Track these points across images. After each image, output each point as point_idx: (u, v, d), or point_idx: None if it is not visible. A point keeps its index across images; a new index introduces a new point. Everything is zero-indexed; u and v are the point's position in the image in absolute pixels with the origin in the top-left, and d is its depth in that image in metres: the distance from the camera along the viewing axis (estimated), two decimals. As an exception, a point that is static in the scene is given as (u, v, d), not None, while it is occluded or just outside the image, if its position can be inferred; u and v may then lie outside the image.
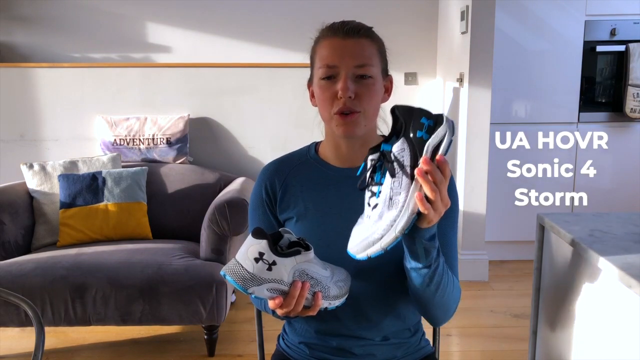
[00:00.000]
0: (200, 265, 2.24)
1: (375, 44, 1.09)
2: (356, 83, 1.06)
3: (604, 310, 1.15)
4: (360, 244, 0.91)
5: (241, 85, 3.18)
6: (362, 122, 1.08)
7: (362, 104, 1.06)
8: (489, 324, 2.63)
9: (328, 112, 1.09)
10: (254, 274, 0.91)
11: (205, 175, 2.88)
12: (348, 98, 1.05)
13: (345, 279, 1.01)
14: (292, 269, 0.93)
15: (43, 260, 2.25)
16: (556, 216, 1.41)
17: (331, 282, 0.98)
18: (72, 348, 2.44)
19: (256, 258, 0.91)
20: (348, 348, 1.16)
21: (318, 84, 1.09)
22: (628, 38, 3.27)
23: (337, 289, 0.99)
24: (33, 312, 1.16)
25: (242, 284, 0.91)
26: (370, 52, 1.08)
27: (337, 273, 1.01)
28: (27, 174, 2.65)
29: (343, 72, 1.05)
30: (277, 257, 0.91)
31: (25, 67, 3.11)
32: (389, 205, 0.89)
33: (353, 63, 1.05)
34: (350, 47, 1.06)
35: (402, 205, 0.88)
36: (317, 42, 1.12)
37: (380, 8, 3.23)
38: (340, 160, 1.15)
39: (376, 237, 0.89)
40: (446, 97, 3.28)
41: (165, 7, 3.23)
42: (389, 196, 0.89)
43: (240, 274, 0.91)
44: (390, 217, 0.89)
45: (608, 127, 3.37)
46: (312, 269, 0.96)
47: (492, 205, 3.26)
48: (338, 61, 1.06)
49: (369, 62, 1.06)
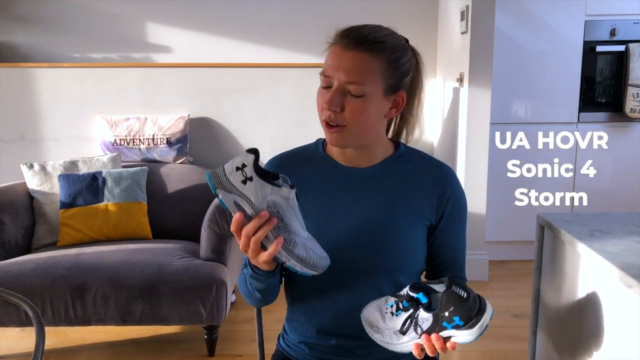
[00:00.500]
0: (200, 265, 2.24)
1: (379, 59, 1.03)
2: (344, 97, 1.03)
3: (604, 310, 1.15)
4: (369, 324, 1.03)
5: (241, 85, 3.18)
6: (349, 137, 1.07)
7: (345, 118, 1.04)
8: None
9: (320, 119, 1.09)
10: (229, 179, 0.91)
11: (205, 175, 2.88)
12: (333, 111, 1.04)
13: (322, 257, 0.97)
14: (265, 197, 0.92)
15: (43, 260, 2.25)
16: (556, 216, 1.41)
17: (301, 242, 0.95)
18: (72, 348, 2.44)
19: (237, 167, 0.91)
20: (348, 348, 1.16)
21: (318, 89, 1.09)
22: (628, 38, 3.27)
23: (304, 252, 0.95)
24: (33, 312, 1.16)
25: (214, 183, 0.92)
26: (367, 69, 1.03)
27: (315, 245, 0.98)
28: (27, 174, 2.65)
29: (335, 83, 1.04)
30: (256, 176, 0.91)
31: (25, 67, 3.11)
32: (396, 334, 1.01)
33: (344, 78, 1.02)
34: (346, 61, 1.03)
35: (402, 343, 1.00)
36: (328, 47, 1.09)
37: (380, 8, 3.23)
38: (347, 160, 1.15)
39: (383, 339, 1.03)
40: (446, 97, 3.28)
41: (165, 7, 3.23)
42: (399, 330, 1.00)
43: (217, 175, 0.92)
44: (394, 339, 1.01)
45: (608, 127, 3.36)
46: (286, 213, 0.93)
47: (492, 205, 3.26)
48: (332, 72, 1.04)
49: (361, 80, 1.02)
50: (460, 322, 0.94)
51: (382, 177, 1.14)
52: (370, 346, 1.15)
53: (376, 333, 1.03)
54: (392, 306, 1.01)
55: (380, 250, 1.11)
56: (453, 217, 1.15)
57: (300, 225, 0.96)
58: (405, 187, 1.14)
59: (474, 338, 0.96)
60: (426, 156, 1.20)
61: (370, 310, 1.04)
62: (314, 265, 0.96)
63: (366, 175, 1.14)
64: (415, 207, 1.13)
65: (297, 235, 0.95)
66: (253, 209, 0.92)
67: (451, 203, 1.15)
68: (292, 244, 0.94)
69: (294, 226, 0.95)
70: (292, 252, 0.94)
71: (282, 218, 0.93)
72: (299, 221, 0.96)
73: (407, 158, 1.17)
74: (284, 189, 0.92)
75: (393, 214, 1.12)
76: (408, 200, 1.13)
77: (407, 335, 0.99)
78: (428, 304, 0.97)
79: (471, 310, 0.94)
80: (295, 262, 0.95)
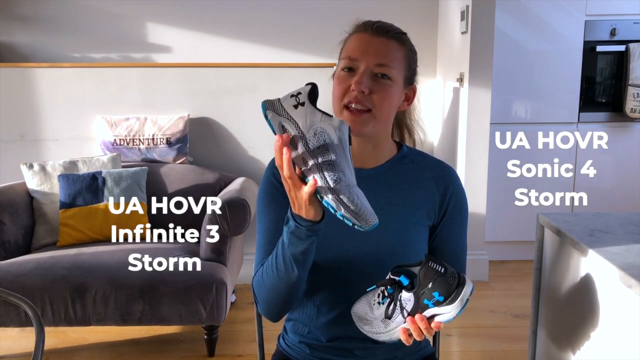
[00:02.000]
0: (200, 265, 2.23)
1: (403, 49, 1.09)
2: (373, 80, 1.05)
3: (604, 310, 1.15)
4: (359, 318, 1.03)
5: (241, 85, 3.18)
6: (371, 123, 1.07)
7: (373, 101, 1.05)
8: (489, 324, 2.63)
9: (339, 104, 1.07)
10: (282, 103, 0.91)
11: (205, 175, 2.88)
12: (361, 92, 1.03)
13: (369, 211, 0.89)
14: (314, 123, 0.89)
15: (43, 260, 2.25)
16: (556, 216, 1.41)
17: (346, 182, 0.88)
18: (72, 348, 2.44)
19: (292, 94, 0.91)
20: (349, 348, 1.16)
21: (337, 74, 1.08)
22: (628, 38, 3.27)
23: (349, 197, 0.88)
24: (33, 312, 1.16)
25: (267, 106, 0.92)
26: (394, 55, 1.07)
27: (363, 198, 0.90)
28: (27, 174, 2.65)
29: (362, 66, 1.05)
30: (308, 103, 0.90)
31: (25, 67, 3.11)
32: (384, 322, 1.01)
33: (374, 60, 1.05)
34: (375, 45, 1.06)
35: (390, 330, 1.00)
36: (348, 36, 1.11)
37: (380, 8, 3.23)
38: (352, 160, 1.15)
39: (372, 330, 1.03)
40: (446, 97, 3.28)
41: (165, 7, 3.23)
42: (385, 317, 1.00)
43: (272, 101, 0.93)
44: (382, 327, 1.01)
45: (608, 127, 3.37)
46: (334, 144, 0.88)
47: (492, 205, 3.26)
48: (360, 55, 1.05)
49: (390, 63, 1.06)
50: (440, 297, 0.93)
51: (386, 177, 1.14)
52: (371, 347, 1.15)
53: (365, 325, 1.03)
54: (379, 295, 1.01)
55: (384, 251, 1.11)
56: (454, 216, 1.16)
57: (348, 166, 0.89)
58: (408, 187, 1.14)
59: (457, 313, 0.94)
60: (428, 156, 1.21)
61: (359, 304, 1.04)
62: (358, 213, 0.88)
63: (371, 175, 1.14)
64: (418, 207, 1.13)
65: (343, 173, 0.89)
66: (298, 133, 0.89)
67: (452, 202, 1.15)
68: (337, 181, 0.88)
69: (340, 161, 0.89)
70: (336, 191, 0.88)
71: (327, 149, 0.88)
72: (347, 162, 0.90)
73: (410, 158, 1.18)
74: (335, 119, 0.89)
75: (397, 214, 1.12)
76: (411, 201, 1.14)
77: (393, 321, 0.99)
78: (410, 285, 0.97)
79: (450, 284, 0.93)
80: (341, 207, 0.88)
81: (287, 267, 1.01)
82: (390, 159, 1.16)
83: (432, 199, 1.14)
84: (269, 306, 1.10)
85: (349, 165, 0.90)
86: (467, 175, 3.06)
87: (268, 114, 0.92)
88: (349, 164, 0.90)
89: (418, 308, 0.95)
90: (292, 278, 1.02)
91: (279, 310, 1.12)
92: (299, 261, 1.00)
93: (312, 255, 1.02)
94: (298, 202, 0.92)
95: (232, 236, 2.32)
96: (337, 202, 0.88)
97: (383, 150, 1.15)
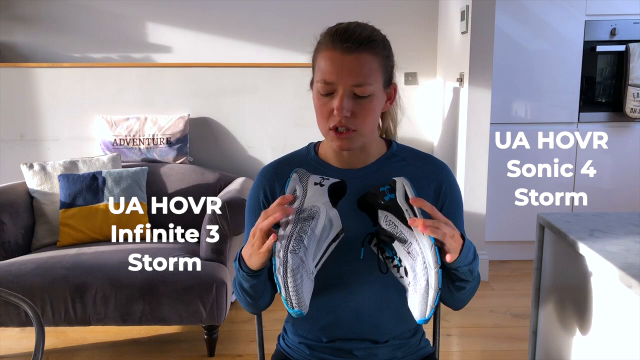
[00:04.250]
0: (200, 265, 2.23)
1: (377, 57, 1.04)
2: (353, 100, 1.03)
3: (604, 310, 1.15)
4: (420, 306, 0.94)
5: (241, 85, 3.18)
6: (359, 139, 1.07)
7: (357, 122, 1.04)
8: (489, 324, 2.63)
9: (324, 127, 1.07)
10: (309, 176, 1.03)
11: (205, 175, 2.88)
12: (344, 117, 1.03)
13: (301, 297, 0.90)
14: (316, 202, 0.96)
15: (43, 260, 2.25)
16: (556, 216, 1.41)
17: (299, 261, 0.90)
18: (72, 348, 2.44)
19: (324, 177, 1.02)
20: (349, 349, 1.16)
21: (317, 95, 1.07)
22: (628, 38, 3.27)
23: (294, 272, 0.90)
24: (33, 312, 1.16)
25: (298, 170, 1.05)
26: (370, 69, 1.03)
27: (307, 286, 0.91)
28: (27, 174, 2.65)
29: (341, 89, 1.02)
30: (327, 189, 0.99)
31: (25, 67, 3.11)
32: (412, 257, 0.94)
33: (351, 82, 1.02)
34: (349, 64, 1.01)
35: (420, 248, 0.94)
36: (318, 48, 1.08)
37: (380, 8, 3.23)
38: (341, 162, 1.15)
39: (424, 286, 0.92)
40: (446, 97, 3.28)
41: (165, 7, 3.23)
42: (407, 250, 0.95)
43: (304, 171, 1.06)
44: (420, 264, 0.93)
45: (608, 127, 3.37)
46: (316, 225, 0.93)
47: (492, 205, 3.26)
48: (335, 78, 1.02)
49: (367, 81, 1.02)
50: (385, 186, 1.01)
51: (376, 176, 1.13)
52: (371, 347, 1.15)
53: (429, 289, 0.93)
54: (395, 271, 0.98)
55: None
56: (451, 212, 1.13)
57: (311, 253, 0.92)
58: None
59: (404, 179, 1.04)
60: (419, 153, 1.19)
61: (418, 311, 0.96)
62: (292, 289, 0.89)
63: (361, 175, 1.13)
64: None
65: (305, 250, 0.91)
66: (300, 202, 0.96)
67: (448, 200, 1.14)
68: (295, 250, 0.90)
69: (309, 243, 0.92)
70: (286, 254, 0.90)
71: (309, 224, 0.92)
72: (315, 247, 0.92)
73: (400, 156, 1.17)
74: (334, 212, 0.96)
75: None
76: None
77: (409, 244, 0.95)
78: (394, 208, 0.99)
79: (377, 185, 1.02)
80: (280, 267, 0.90)
81: (241, 289, 1.09)
82: (379, 157, 1.16)
83: (424, 196, 1.13)
84: (244, 305, 1.16)
85: (312, 253, 0.92)
86: (467, 175, 3.06)
87: (295, 173, 1.03)
88: (313, 251, 0.92)
89: (395, 209, 0.98)
90: (248, 297, 1.09)
91: (253, 310, 1.17)
92: (248, 289, 1.07)
93: (261, 286, 1.07)
94: (253, 249, 0.97)
95: (232, 236, 2.32)
96: (283, 267, 0.90)
97: (371, 150, 1.15)
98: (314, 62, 1.09)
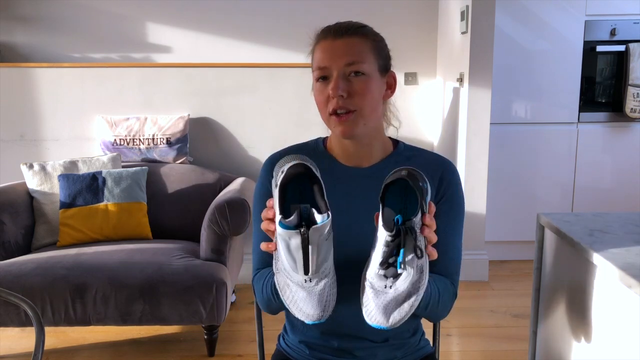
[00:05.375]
0: (200, 265, 2.24)
1: (368, 40, 1.08)
2: (348, 81, 1.05)
3: (604, 310, 1.15)
4: (395, 315, 0.89)
5: (241, 85, 3.18)
6: (360, 121, 1.07)
7: (355, 101, 1.05)
8: (489, 324, 2.63)
9: (325, 114, 1.09)
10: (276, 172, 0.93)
11: (205, 175, 2.88)
12: (340, 97, 1.05)
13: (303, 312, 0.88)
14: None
15: (43, 260, 2.25)
16: (556, 216, 1.41)
17: (284, 273, 0.89)
18: (72, 348, 2.44)
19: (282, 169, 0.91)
20: (349, 349, 1.16)
21: (314, 86, 1.10)
22: (628, 38, 3.27)
23: (283, 284, 0.89)
24: (33, 312, 1.16)
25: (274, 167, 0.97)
26: (361, 49, 1.07)
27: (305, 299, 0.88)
28: (27, 174, 2.65)
29: (335, 72, 1.06)
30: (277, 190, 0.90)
31: (25, 67, 3.11)
32: (418, 272, 0.89)
33: (343, 61, 1.05)
34: (340, 47, 1.06)
35: (426, 265, 0.90)
36: (314, 45, 1.12)
37: (380, 8, 3.23)
38: (347, 159, 1.15)
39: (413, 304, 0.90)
40: (446, 97, 3.28)
41: (165, 7, 3.23)
42: (417, 265, 0.88)
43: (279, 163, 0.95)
44: (423, 281, 0.89)
45: (608, 127, 3.37)
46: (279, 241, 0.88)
47: (492, 205, 3.26)
48: (329, 62, 1.06)
49: (358, 59, 1.06)
50: (424, 184, 0.92)
51: (381, 176, 1.13)
52: (371, 347, 1.15)
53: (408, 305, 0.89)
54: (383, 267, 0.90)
55: None
56: (445, 207, 1.12)
57: (291, 267, 0.88)
58: None
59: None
60: (425, 152, 1.19)
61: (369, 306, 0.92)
62: (289, 305, 0.89)
63: (367, 174, 1.14)
64: None
65: (282, 263, 0.89)
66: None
67: (446, 195, 1.13)
68: (276, 262, 0.91)
69: (279, 252, 0.89)
70: (276, 269, 0.91)
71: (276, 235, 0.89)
72: (292, 261, 0.88)
73: (406, 155, 1.17)
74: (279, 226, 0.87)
75: None
76: None
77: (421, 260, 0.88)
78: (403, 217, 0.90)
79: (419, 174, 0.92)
80: (276, 281, 0.91)
81: (274, 295, 1.05)
82: (385, 157, 1.16)
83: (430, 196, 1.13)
84: (266, 308, 1.13)
85: (290, 267, 0.88)
86: (467, 175, 3.06)
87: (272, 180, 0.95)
88: (290, 264, 0.88)
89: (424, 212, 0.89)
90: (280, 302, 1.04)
91: (275, 311, 1.13)
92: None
93: None
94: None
95: (232, 236, 2.32)
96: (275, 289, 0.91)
97: (377, 147, 1.15)
98: (312, 59, 1.13)
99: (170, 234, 2.68)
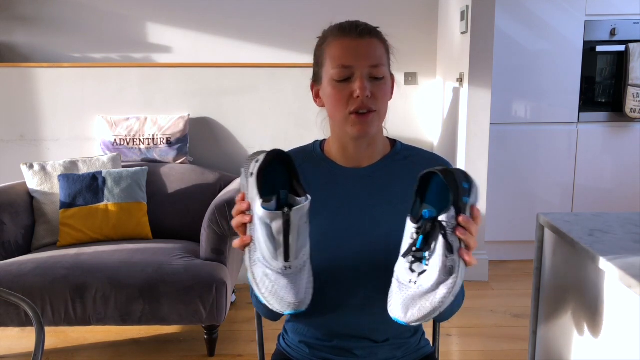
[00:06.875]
0: (200, 265, 2.24)
1: (383, 44, 1.10)
2: (371, 83, 1.06)
3: (604, 310, 1.15)
4: (414, 312, 0.86)
5: (241, 85, 3.18)
6: (377, 122, 1.09)
7: (377, 103, 1.07)
8: (489, 324, 2.63)
9: (342, 113, 1.08)
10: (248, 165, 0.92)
11: (205, 175, 2.88)
12: (366, 97, 1.05)
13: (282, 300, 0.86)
14: (253, 199, 0.87)
15: (43, 260, 2.25)
16: (556, 216, 1.41)
17: (261, 261, 0.86)
18: (72, 348, 2.44)
19: (255, 159, 0.90)
20: (349, 348, 1.16)
21: (331, 84, 1.08)
22: (628, 38, 3.27)
23: (260, 275, 0.86)
24: (33, 312, 1.16)
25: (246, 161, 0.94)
26: (381, 53, 1.08)
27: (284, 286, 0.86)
28: (27, 174, 2.65)
29: (358, 72, 1.05)
30: (254, 177, 0.88)
31: (25, 67, 3.11)
32: (447, 272, 0.85)
33: (368, 63, 1.05)
34: (365, 47, 1.06)
35: (458, 267, 0.86)
36: (325, 42, 1.10)
37: (380, 8, 3.23)
38: (346, 160, 1.15)
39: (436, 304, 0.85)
40: (446, 97, 3.28)
41: (165, 7, 3.23)
42: (444, 264, 0.85)
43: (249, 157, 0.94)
44: (450, 283, 0.85)
45: (608, 127, 3.37)
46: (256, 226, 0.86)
47: (492, 205, 3.26)
48: (353, 61, 1.05)
49: (381, 62, 1.07)
50: (467, 184, 0.88)
51: (380, 175, 1.14)
52: (372, 346, 1.15)
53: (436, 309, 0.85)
54: (410, 260, 0.88)
55: (381, 249, 1.10)
56: None
57: (272, 254, 0.86)
58: (402, 184, 1.14)
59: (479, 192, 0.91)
60: (422, 151, 1.20)
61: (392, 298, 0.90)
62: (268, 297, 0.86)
63: (365, 174, 1.14)
64: None
65: (260, 251, 0.87)
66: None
67: None
68: (253, 253, 0.88)
69: (259, 240, 0.87)
70: (252, 261, 0.88)
71: (252, 227, 0.87)
72: (272, 247, 0.86)
73: (403, 155, 1.18)
74: (259, 203, 0.85)
75: (392, 211, 1.11)
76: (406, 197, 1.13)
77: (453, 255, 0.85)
78: (437, 210, 0.87)
79: (463, 172, 0.89)
80: (251, 277, 0.88)
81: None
82: (384, 156, 1.16)
83: None
84: (267, 313, 1.12)
85: (270, 254, 0.86)
86: (467, 175, 3.05)
87: (242, 170, 0.92)
88: (270, 252, 0.86)
89: (460, 213, 0.86)
90: None
91: (277, 317, 1.13)
92: None
93: None
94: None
95: (232, 236, 2.32)
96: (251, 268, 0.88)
97: (377, 147, 1.16)
98: (322, 56, 1.11)
99: (170, 234, 2.68)
